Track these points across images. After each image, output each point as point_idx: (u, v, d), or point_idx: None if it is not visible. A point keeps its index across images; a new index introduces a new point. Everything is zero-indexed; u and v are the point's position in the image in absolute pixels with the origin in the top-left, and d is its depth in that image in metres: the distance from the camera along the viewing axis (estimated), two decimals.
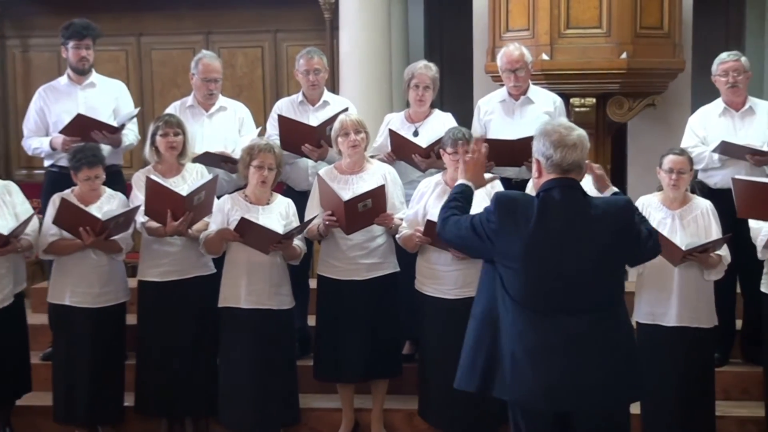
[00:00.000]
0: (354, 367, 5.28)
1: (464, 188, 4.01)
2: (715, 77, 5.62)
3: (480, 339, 3.70)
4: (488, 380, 3.66)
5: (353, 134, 5.20)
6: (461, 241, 3.80)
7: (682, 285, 4.86)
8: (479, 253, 3.78)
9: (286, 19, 8.37)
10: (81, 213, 5.12)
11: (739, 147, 5.37)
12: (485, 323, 3.69)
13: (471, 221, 3.74)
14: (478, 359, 3.69)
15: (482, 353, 3.68)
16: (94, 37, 5.95)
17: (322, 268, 5.36)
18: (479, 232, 3.67)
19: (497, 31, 6.33)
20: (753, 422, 5.32)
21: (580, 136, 3.62)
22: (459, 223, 3.78)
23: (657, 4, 6.17)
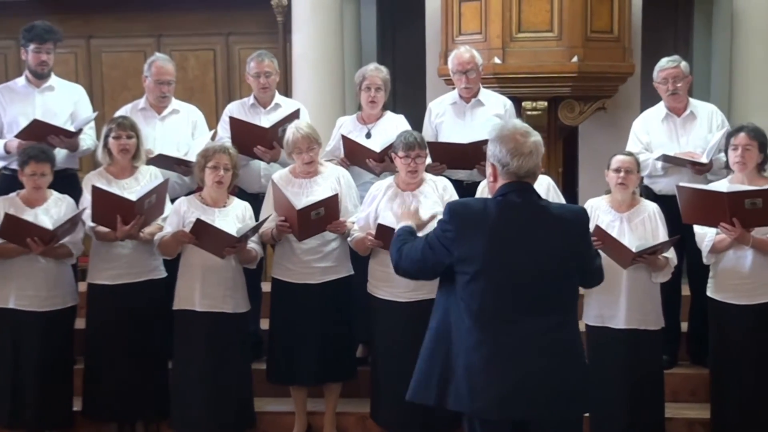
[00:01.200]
0: (308, 370, 5.27)
1: (408, 228, 4.01)
2: (656, 84, 5.67)
3: (435, 352, 3.69)
4: (444, 393, 3.64)
5: (306, 152, 5.19)
6: (420, 265, 3.75)
7: (630, 288, 4.91)
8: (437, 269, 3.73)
9: (239, 22, 8.32)
10: (28, 226, 5.06)
11: (679, 159, 5.44)
12: (440, 336, 3.68)
13: (425, 240, 3.72)
14: (433, 372, 3.68)
15: (437, 366, 3.67)
16: (55, 41, 5.88)
17: (276, 272, 5.34)
18: (435, 246, 3.66)
19: (450, 35, 6.34)
20: (701, 424, 5.37)
21: (535, 142, 3.62)
22: (413, 249, 3.76)
23: (607, 9, 6.22)
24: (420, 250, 3.72)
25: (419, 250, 3.72)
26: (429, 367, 3.71)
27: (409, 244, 3.81)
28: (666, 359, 5.53)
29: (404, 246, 3.82)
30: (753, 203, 4.71)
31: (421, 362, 3.75)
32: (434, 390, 3.67)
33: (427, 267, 3.73)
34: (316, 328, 5.23)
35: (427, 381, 3.70)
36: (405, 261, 3.79)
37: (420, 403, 3.80)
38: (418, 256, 3.72)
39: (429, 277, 3.83)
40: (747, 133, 4.96)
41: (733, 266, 4.95)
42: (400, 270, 3.85)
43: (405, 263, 3.79)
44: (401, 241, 3.87)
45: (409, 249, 3.78)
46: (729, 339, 5.00)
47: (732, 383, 5.00)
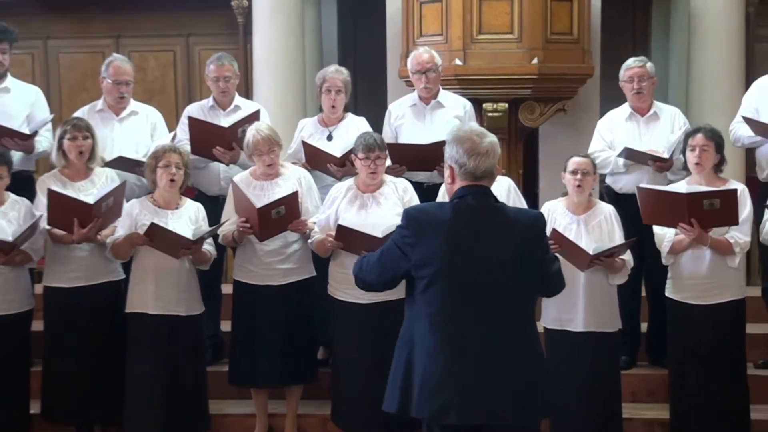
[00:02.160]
0: (269, 372, 5.26)
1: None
2: (621, 83, 5.73)
3: (399, 359, 3.69)
4: (406, 400, 3.63)
5: (267, 154, 5.17)
6: (378, 275, 3.73)
7: (588, 290, 4.93)
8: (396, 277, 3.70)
9: (199, 23, 8.27)
10: None
11: (642, 153, 5.48)
12: (403, 342, 3.68)
13: (383, 248, 3.72)
14: (396, 379, 3.68)
15: (400, 373, 3.66)
16: (10, 41, 5.80)
17: (238, 274, 5.33)
18: (393, 253, 3.65)
19: (410, 36, 6.34)
20: (659, 424, 5.41)
21: (491, 143, 3.63)
22: (370, 261, 3.75)
23: (566, 11, 6.25)
24: (377, 259, 3.72)
25: (377, 260, 3.72)
26: (393, 375, 3.71)
27: (365, 259, 3.80)
28: (625, 360, 5.58)
29: (363, 260, 3.81)
30: (711, 204, 4.76)
31: (390, 371, 3.74)
32: (397, 397, 3.67)
33: (386, 275, 3.71)
34: (278, 330, 5.22)
35: (392, 388, 3.70)
36: (365, 273, 3.78)
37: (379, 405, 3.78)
38: (376, 266, 3.72)
39: (390, 285, 3.80)
40: (704, 134, 5.01)
41: (692, 266, 4.99)
42: (361, 283, 3.83)
43: (366, 276, 3.78)
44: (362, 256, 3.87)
45: (367, 261, 3.77)
46: (687, 339, 5.04)
47: (690, 383, 5.04)
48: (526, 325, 3.65)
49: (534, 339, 3.68)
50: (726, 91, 6.70)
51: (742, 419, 5.07)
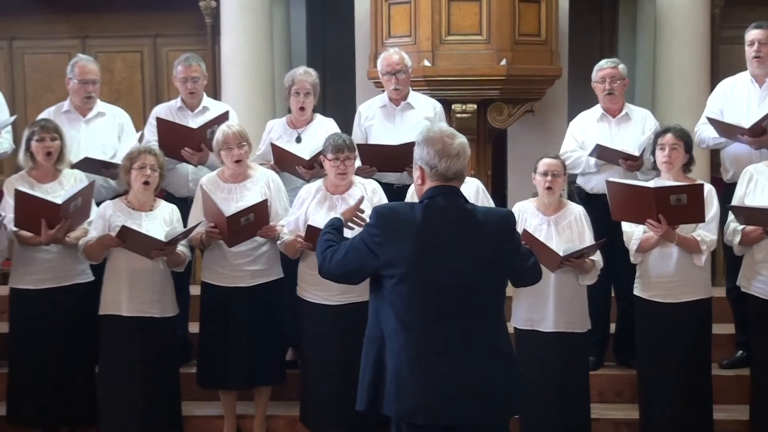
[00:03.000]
0: (238, 373, 5.24)
1: (335, 221, 3.99)
2: (593, 83, 5.76)
3: (368, 357, 3.68)
4: (376, 398, 3.63)
5: (236, 149, 5.16)
6: (345, 269, 3.71)
7: (558, 291, 4.95)
8: (362, 273, 3.70)
9: (166, 24, 8.23)
10: None
11: (613, 151, 5.52)
12: (372, 340, 3.67)
13: (350, 243, 3.70)
14: (365, 378, 3.67)
15: (369, 371, 3.65)
16: None
17: (206, 275, 5.31)
18: (361, 250, 3.63)
19: (379, 37, 6.35)
20: (627, 424, 5.44)
21: (462, 144, 3.63)
22: (337, 253, 3.72)
23: (534, 12, 6.28)
24: (344, 254, 3.69)
25: (344, 254, 3.70)
26: (362, 373, 3.70)
27: (332, 249, 3.76)
28: (593, 360, 5.60)
29: (329, 249, 3.78)
30: (678, 199, 4.79)
31: (360, 369, 3.73)
32: (366, 395, 3.66)
33: (352, 271, 3.70)
34: (246, 331, 5.20)
35: (361, 386, 3.69)
36: (330, 264, 3.74)
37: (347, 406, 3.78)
38: (343, 260, 3.69)
39: (354, 281, 3.80)
40: (674, 134, 5.05)
41: (659, 265, 5.02)
42: (325, 273, 3.80)
43: (331, 266, 3.75)
44: (327, 243, 3.83)
45: (334, 252, 3.74)
46: (655, 337, 5.07)
47: (658, 382, 5.07)
48: (495, 325, 3.64)
49: (504, 338, 3.68)
50: (691, 93, 6.76)
51: (706, 419, 5.11)
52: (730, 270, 5.65)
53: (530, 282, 3.94)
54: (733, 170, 5.55)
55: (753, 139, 5.38)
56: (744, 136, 5.41)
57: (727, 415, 5.36)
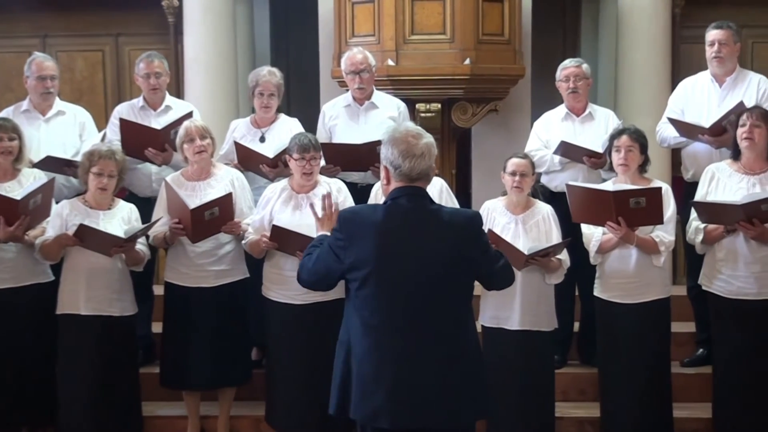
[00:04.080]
0: (201, 374, 5.22)
1: (322, 237, 3.97)
2: (558, 82, 5.80)
3: (337, 362, 3.68)
4: (344, 402, 3.63)
5: (199, 140, 5.13)
6: (316, 276, 3.72)
7: (524, 289, 4.97)
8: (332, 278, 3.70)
9: (128, 23, 8.14)
10: None
11: (577, 148, 5.55)
12: (342, 344, 3.67)
13: (319, 251, 3.71)
14: (336, 381, 3.68)
15: (338, 375, 3.66)
16: None
17: (169, 275, 5.28)
18: (327, 255, 3.64)
19: (343, 37, 6.34)
20: (589, 422, 5.47)
21: (427, 144, 3.61)
22: (310, 261, 3.73)
23: (498, 12, 6.30)
24: (315, 260, 3.71)
25: (315, 261, 3.71)
26: (334, 376, 3.70)
27: (309, 256, 3.77)
28: (557, 359, 5.63)
29: (306, 258, 3.79)
30: (637, 202, 4.83)
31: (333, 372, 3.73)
32: (335, 399, 3.66)
33: (321, 277, 3.71)
34: (210, 331, 5.18)
35: (333, 390, 3.69)
36: (304, 272, 3.77)
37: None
38: (314, 267, 3.71)
39: (325, 287, 3.81)
40: (629, 135, 5.08)
41: (618, 266, 5.05)
42: (301, 282, 3.83)
43: (305, 274, 3.78)
44: (307, 252, 3.83)
45: (308, 260, 3.76)
46: (615, 337, 5.10)
47: (618, 381, 5.10)
48: (461, 326, 3.63)
49: (470, 340, 3.67)
50: (653, 92, 6.80)
51: (666, 417, 5.15)
52: (691, 268, 5.70)
53: (502, 285, 3.91)
54: (694, 169, 5.60)
55: (713, 138, 5.43)
56: (704, 136, 5.47)
57: (689, 412, 5.41)
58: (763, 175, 4.97)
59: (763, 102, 5.49)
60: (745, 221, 4.80)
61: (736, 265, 4.94)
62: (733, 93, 5.60)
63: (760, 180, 4.96)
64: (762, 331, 4.92)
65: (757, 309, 4.92)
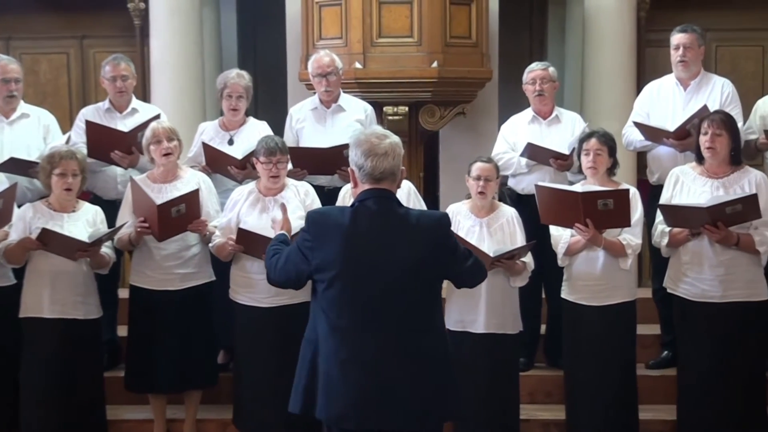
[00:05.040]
0: (167, 377, 5.20)
1: (283, 237, 4.01)
2: (524, 85, 5.82)
3: (304, 359, 3.68)
4: (310, 401, 3.63)
5: (166, 142, 5.11)
6: (286, 275, 3.73)
7: (489, 293, 4.98)
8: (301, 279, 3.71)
9: (94, 25, 8.08)
10: None
11: (544, 150, 5.58)
12: (308, 343, 3.67)
13: (288, 251, 3.72)
14: (301, 380, 3.67)
15: (304, 374, 3.65)
16: None
17: (134, 278, 5.25)
18: (296, 255, 3.64)
19: (310, 39, 6.34)
20: (555, 425, 5.48)
21: (392, 143, 3.61)
22: (279, 261, 3.74)
23: (465, 15, 6.32)
24: (284, 261, 3.71)
25: (284, 261, 3.72)
26: (299, 376, 3.69)
27: (278, 255, 3.78)
28: (523, 361, 5.65)
29: (275, 257, 3.79)
30: (605, 204, 4.86)
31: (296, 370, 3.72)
32: (301, 398, 3.66)
33: (291, 276, 3.72)
34: (176, 334, 5.16)
35: (296, 389, 3.68)
36: (273, 271, 3.78)
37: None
38: (284, 267, 3.71)
39: (295, 286, 3.82)
40: (597, 139, 5.11)
41: (585, 268, 5.07)
42: (271, 281, 3.85)
43: (274, 274, 3.78)
44: (274, 251, 3.84)
45: (277, 260, 3.76)
46: (581, 340, 5.12)
47: (584, 383, 5.12)
48: (427, 329, 3.64)
49: (439, 343, 3.67)
50: (618, 95, 6.84)
51: (632, 419, 5.17)
52: (657, 271, 5.73)
53: (474, 282, 3.93)
54: (659, 173, 5.63)
55: (678, 142, 5.47)
56: (669, 140, 5.51)
57: (654, 414, 5.45)
58: (726, 178, 5.00)
59: (726, 105, 5.54)
60: (710, 224, 4.84)
61: (700, 268, 4.98)
62: (697, 96, 5.64)
63: (723, 183, 4.99)
64: (726, 333, 4.95)
65: (721, 311, 4.95)
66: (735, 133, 5.02)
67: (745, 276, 4.96)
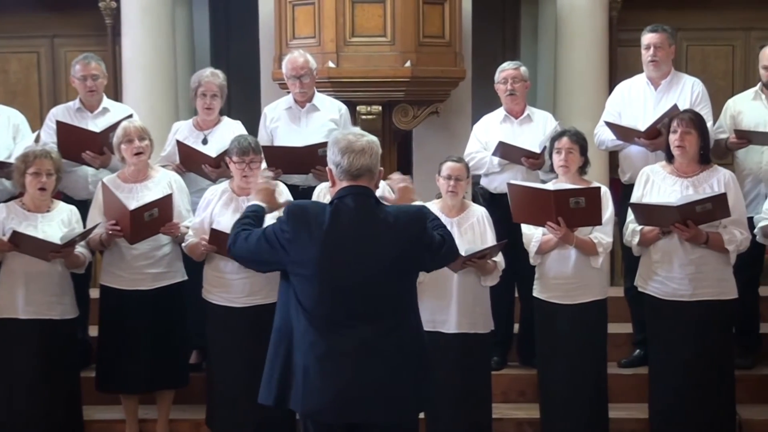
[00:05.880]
0: (139, 377, 5.19)
1: (257, 208, 3.97)
2: (496, 85, 5.85)
3: (276, 352, 3.68)
4: (284, 393, 3.63)
5: (137, 141, 5.10)
6: (252, 255, 3.73)
7: (460, 292, 5.00)
8: (271, 265, 3.73)
9: (64, 24, 8.02)
10: None
11: (515, 148, 5.60)
12: (282, 335, 3.67)
13: (263, 233, 3.69)
14: (274, 372, 3.67)
15: (278, 366, 3.66)
16: None
17: (105, 278, 5.24)
18: (272, 243, 3.63)
19: (284, 39, 6.32)
20: (529, 423, 5.51)
21: (369, 141, 3.65)
22: (249, 238, 3.71)
23: (438, 15, 6.33)
24: (256, 241, 3.69)
25: (254, 242, 3.69)
26: (271, 367, 3.69)
27: (245, 233, 3.74)
28: (496, 360, 5.67)
29: (243, 232, 3.76)
30: (577, 202, 4.88)
31: (267, 362, 3.72)
32: (275, 390, 3.66)
33: (260, 260, 3.72)
34: (148, 334, 5.16)
35: (269, 381, 3.69)
36: (240, 247, 3.74)
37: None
38: (253, 247, 3.69)
39: (261, 270, 3.87)
40: (569, 137, 5.14)
41: (557, 267, 5.09)
42: (233, 253, 3.81)
43: (240, 249, 3.74)
44: (243, 224, 3.80)
45: (245, 238, 3.73)
46: (553, 338, 5.14)
47: (558, 382, 5.14)
48: (403, 324, 3.68)
49: (413, 338, 3.71)
50: (591, 94, 6.87)
51: (603, 418, 5.20)
52: (628, 270, 5.76)
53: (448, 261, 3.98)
54: (631, 172, 5.66)
55: (649, 141, 5.50)
56: (640, 139, 5.54)
57: (626, 413, 5.48)
58: (695, 177, 5.04)
59: (696, 104, 5.58)
60: (680, 223, 4.87)
61: (671, 267, 5.01)
62: (668, 96, 5.68)
63: (692, 182, 5.03)
64: (697, 331, 4.99)
65: (691, 310, 4.98)
66: (704, 132, 5.06)
67: (715, 274, 4.99)
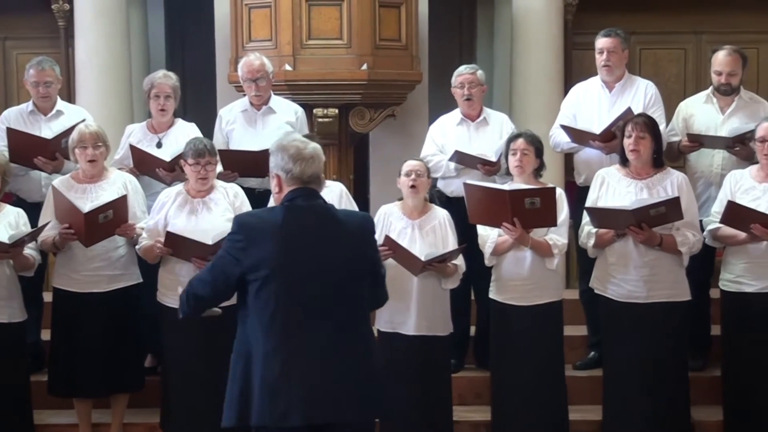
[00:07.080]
0: (92, 381, 5.14)
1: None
2: (453, 89, 5.85)
3: (235, 371, 3.65)
4: (245, 410, 3.59)
5: (91, 149, 5.07)
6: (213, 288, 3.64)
7: (420, 294, 5.01)
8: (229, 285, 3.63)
9: (16, 27, 7.92)
10: None
11: (471, 157, 5.62)
12: (239, 354, 3.64)
13: (214, 261, 3.68)
14: (233, 392, 3.64)
15: (237, 385, 3.63)
16: None
17: (58, 281, 5.19)
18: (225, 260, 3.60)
19: (240, 41, 6.30)
20: (485, 425, 5.50)
21: (315, 148, 3.68)
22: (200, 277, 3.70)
23: (395, 18, 6.34)
24: (209, 270, 3.67)
25: (209, 271, 3.67)
26: (231, 390, 3.65)
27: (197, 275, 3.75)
28: (453, 363, 5.67)
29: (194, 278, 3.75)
30: (532, 203, 4.90)
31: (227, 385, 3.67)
32: (235, 409, 3.62)
33: (219, 285, 3.63)
34: (102, 338, 5.11)
35: (230, 403, 3.64)
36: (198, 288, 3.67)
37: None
38: (209, 278, 3.65)
39: (224, 295, 3.71)
40: (525, 139, 5.17)
41: (513, 268, 5.11)
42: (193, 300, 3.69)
43: (198, 290, 3.67)
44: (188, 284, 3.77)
45: (198, 277, 3.72)
46: (508, 340, 5.16)
47: (510, 384, 5.16)
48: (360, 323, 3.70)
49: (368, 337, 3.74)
50: (546, 97, 6.90)
51: (560, 420, 5.23)
52: (583, 272, 5.79)
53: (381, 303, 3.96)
54: (586, 174, 5.70)
55: (603, 144, 5.55)
56: (595, 142, 5.59)
57: (581, 415, 5.47)
58: (649, 179, 5.09)
59: (649, 107, 5.63)
60: (634, 226, 4.92)
61: (626, 269, 5.05)
62: (622, 98, 5.72)
63: (647, 184, 5.08)
64: (651, 333, 5.03)
65: (646, 312, 5.02)
66: (657, 136, 5.13)
67: (669, 276, 5.05)
